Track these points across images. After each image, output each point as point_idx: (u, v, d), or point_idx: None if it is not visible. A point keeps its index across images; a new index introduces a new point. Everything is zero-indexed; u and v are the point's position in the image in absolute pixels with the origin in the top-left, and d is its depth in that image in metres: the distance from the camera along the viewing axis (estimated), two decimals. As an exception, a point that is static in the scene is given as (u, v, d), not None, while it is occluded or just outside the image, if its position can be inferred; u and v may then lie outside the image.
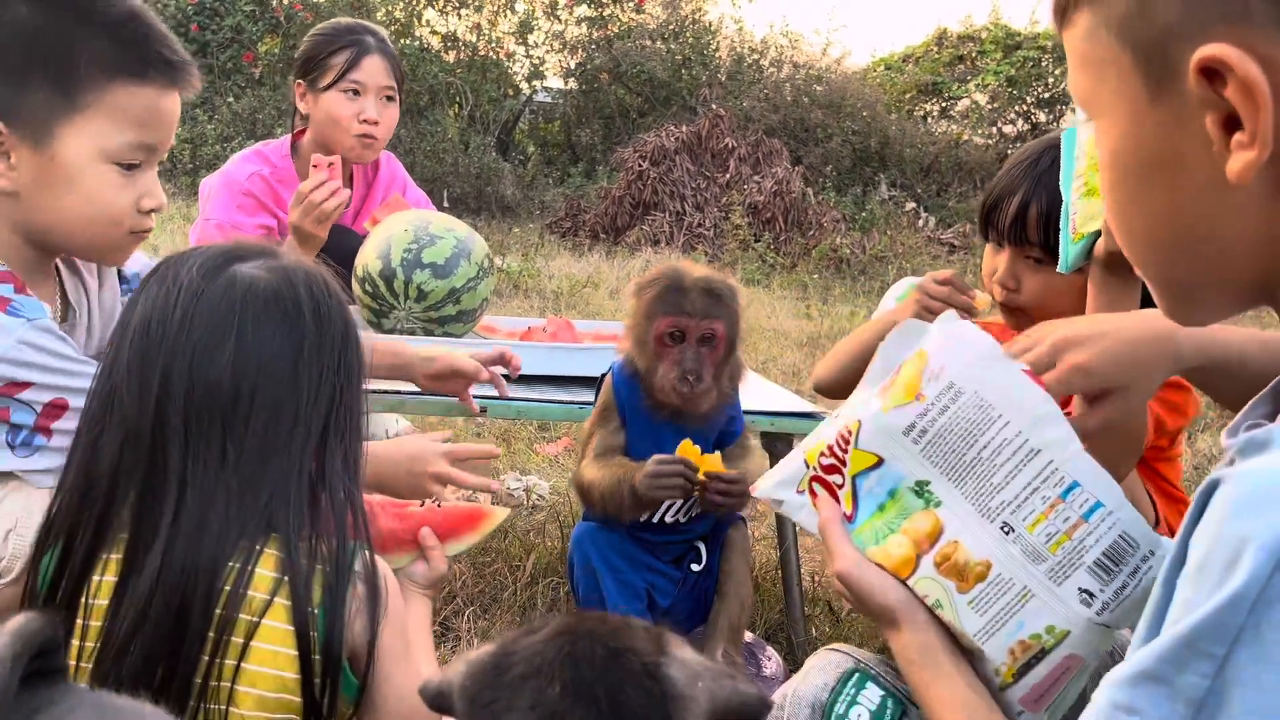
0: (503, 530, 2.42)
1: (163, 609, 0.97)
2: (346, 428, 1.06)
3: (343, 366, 1.05)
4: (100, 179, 1.30)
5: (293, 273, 1.06)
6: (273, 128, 8.31)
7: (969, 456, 0.93)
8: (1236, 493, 0.54)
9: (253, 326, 1.01)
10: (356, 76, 2.42)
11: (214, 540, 0.98)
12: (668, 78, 10.26)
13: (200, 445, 1.00)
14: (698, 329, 1.58)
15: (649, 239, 7.75)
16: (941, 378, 0.94)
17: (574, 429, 3.23)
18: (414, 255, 2.09)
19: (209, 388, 1.00)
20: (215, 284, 1.02)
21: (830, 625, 2.01)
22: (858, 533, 0.98)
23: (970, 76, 10.80)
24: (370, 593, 1.01)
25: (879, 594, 0.94)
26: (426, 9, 10.44)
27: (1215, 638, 0.53)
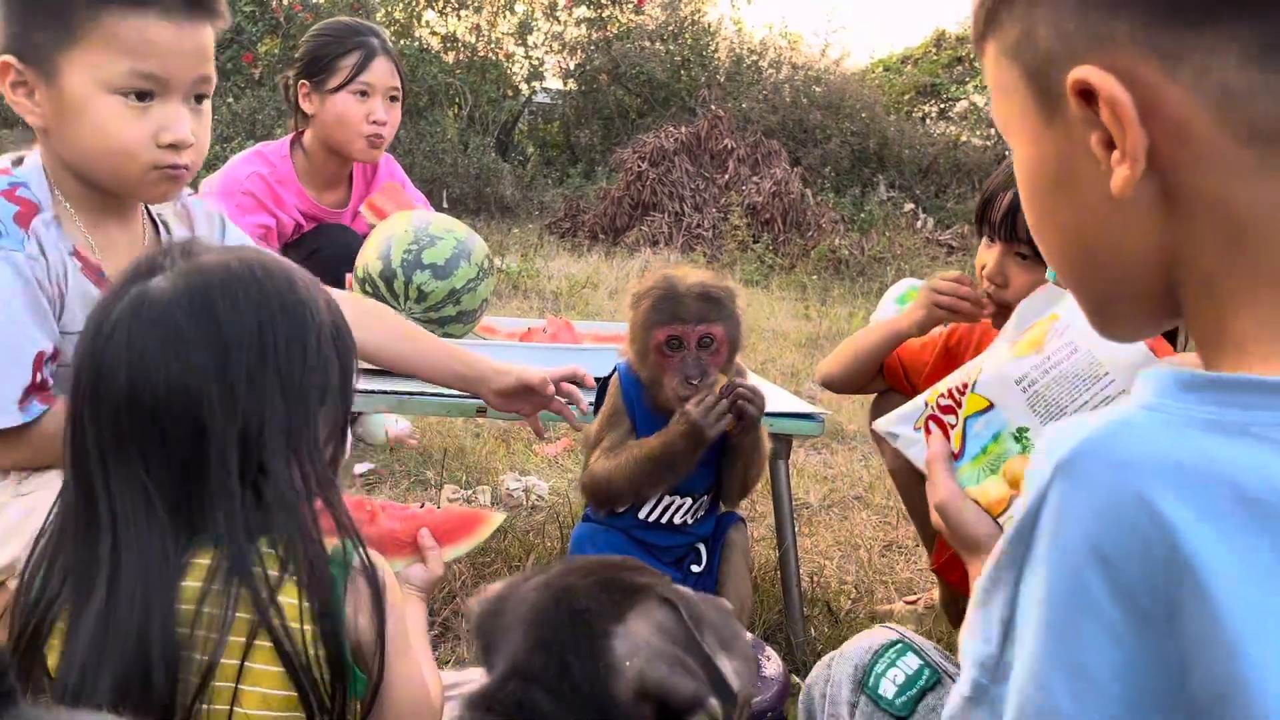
0: (502, 530, 2.42)
1: (119, 647, 0.92)
2: (291, 421, 0.99)
3: (265, 362, 0.97)
4: (106, 110, 1.31)
5: (188, 276, 0.98)
6: (272, 128, 8.31)
7: (1071, 408, 0.98)
8: (1041, 437, 0.61)
9: (141, 343, 0.95)
10: (366, 78, 2.45)
11: (157, 572, 0.94)
12: (667, 79, 10.26)
13: (121, 477, 0.95)
14: (695, 334, 1.57)
15: (648, 239, 7.76)
16: (1065, 335, 1.00)
17: (573, 430, 3.23)
18: (414, 256, 2.09)
19: (112, 414, 0.95)
20: (116, 308, 0.98)
21: (829, 626, 2.02)
22: (962, 471, 1.04)
23: (968, 78, 10.81)
24: (373, 589, 0.99)
25: (970, 526, 1.01)
26: (426, 10, 10.44)
27: (1008, 565, 0.59)
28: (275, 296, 1.00)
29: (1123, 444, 0.55)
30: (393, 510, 1.38)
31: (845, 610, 2.10)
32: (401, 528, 1.36)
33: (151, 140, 1.33)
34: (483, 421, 3.25)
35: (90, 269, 1.38)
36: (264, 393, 0.97)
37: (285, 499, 0.98)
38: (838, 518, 2.72)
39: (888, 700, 1.04)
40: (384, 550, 1.32)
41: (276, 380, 0.98)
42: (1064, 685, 0.54)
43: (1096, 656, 0.53)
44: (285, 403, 0.98)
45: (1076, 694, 0.54)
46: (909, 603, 2.15)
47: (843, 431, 3.47)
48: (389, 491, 2.69)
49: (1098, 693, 0.53)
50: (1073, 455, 0.55)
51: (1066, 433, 0.56)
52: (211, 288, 0.98)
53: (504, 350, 2.11)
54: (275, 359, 0.98)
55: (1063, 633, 0.55)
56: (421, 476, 2.81)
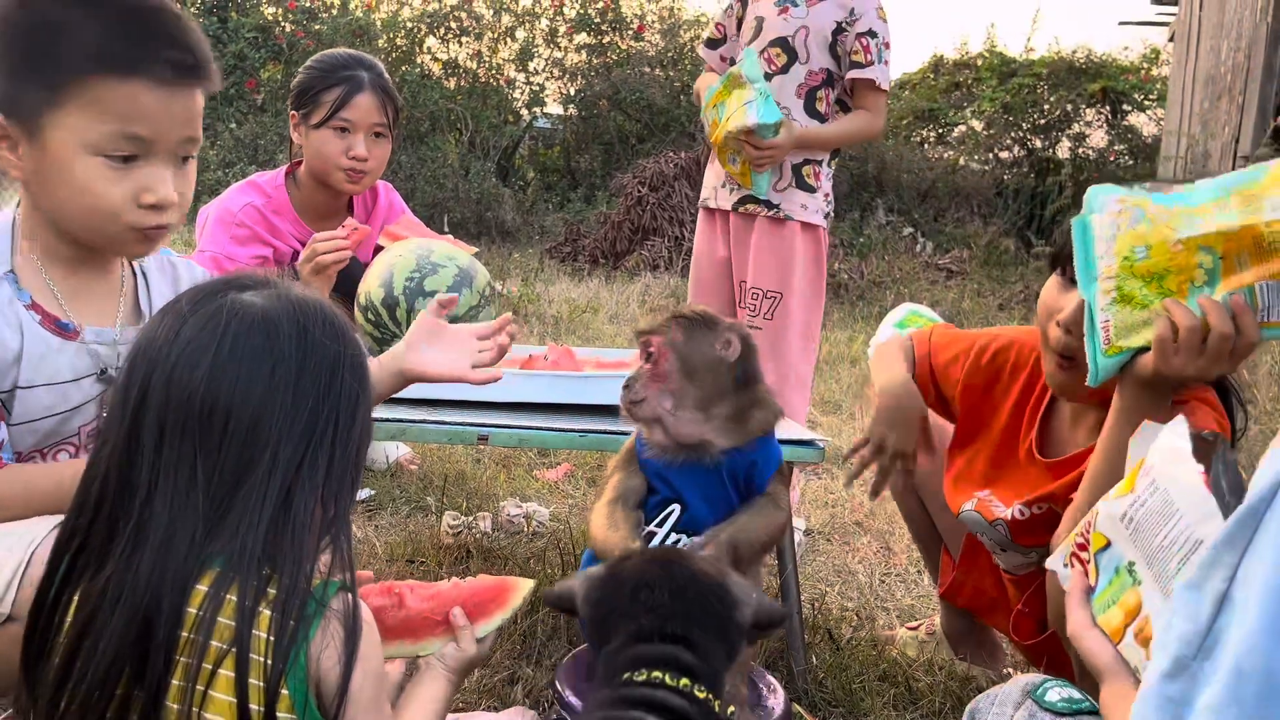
0: (503, 558, 2.42)
1: (123, 624, 0.96)
2: (331, 460, 1.03)
3: (328, 399, 1.03)
4: (88, 171, 1.31)
5: (284, 301, 1.05)
6: (274, 154, 8.36)
7: (1156, 544, 1.06)
8: (1275, 443, 0.67)
9: (230, 347, 1.01)
10: (346, 115, 2.46)
11: (180, 560, 0.97)
12: (666, 104, 10.31)
13: (171, 461, 0.99)
14: (645, 344, 1.56)
15: (648, 264, 7.78)
16: (1149, 474, 1.09)
17: (574, 455, 3.23)
18: (416, 283, 2.11)
19: (183, 403, 1.00)
20: (205, 307, 1.04)
21: (830, 653, 2.01)
22: (1096, 601, 1.14)
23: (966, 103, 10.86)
24: (347, 632, 1.00)
25: (1094, 655, 1.10)
26: (428, 36, 10.52)
27: (1232, 547, 0.66)
28: (351, 341, 1.07)
29: None
30: (420, 590, 1.36)
31: (847, 638, 2.10)
32: (431, 608, 1.33)
33: (133, 201, 1.33)
34: (484, 448, 3.26)
35: (48, 320, 1.39)
36: (319, 427, 1.02)
37: (296, 532, 0.99)
38: (838, 544, 2.72)
39: (1051, 703, 1.15)
40: (416, 634, 1.32)
41: (333, 419, 1.03)
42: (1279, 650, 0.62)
43: None
44: (333, 442, 1.03)
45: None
46: (911, 629, 2.15)
47: (843, 457, 3.48)
48: (389, 517, 2.69)
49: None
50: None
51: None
52: (310, 314, 1.04)
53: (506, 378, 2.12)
54: (338, 399, 1.04)
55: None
56: (422, 503, 2.81)
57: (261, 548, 0.99)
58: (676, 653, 1.10)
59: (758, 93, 2.58)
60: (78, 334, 1.42)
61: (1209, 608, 0.67)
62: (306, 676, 0.98)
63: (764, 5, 2.72)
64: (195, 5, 10.07)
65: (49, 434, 1.41)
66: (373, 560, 2.37)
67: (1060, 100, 10.27)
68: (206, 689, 0.96)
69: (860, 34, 2.66)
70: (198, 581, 0.98)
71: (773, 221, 2.72)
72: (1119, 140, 10.27)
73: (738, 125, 2.58)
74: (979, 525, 1.77)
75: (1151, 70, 10.81)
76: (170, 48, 1.31)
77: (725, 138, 2.63)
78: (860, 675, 1.91)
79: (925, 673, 1.94)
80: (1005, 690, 1.24)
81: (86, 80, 1.28)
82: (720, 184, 2.80)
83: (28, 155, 1.32)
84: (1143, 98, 10.40)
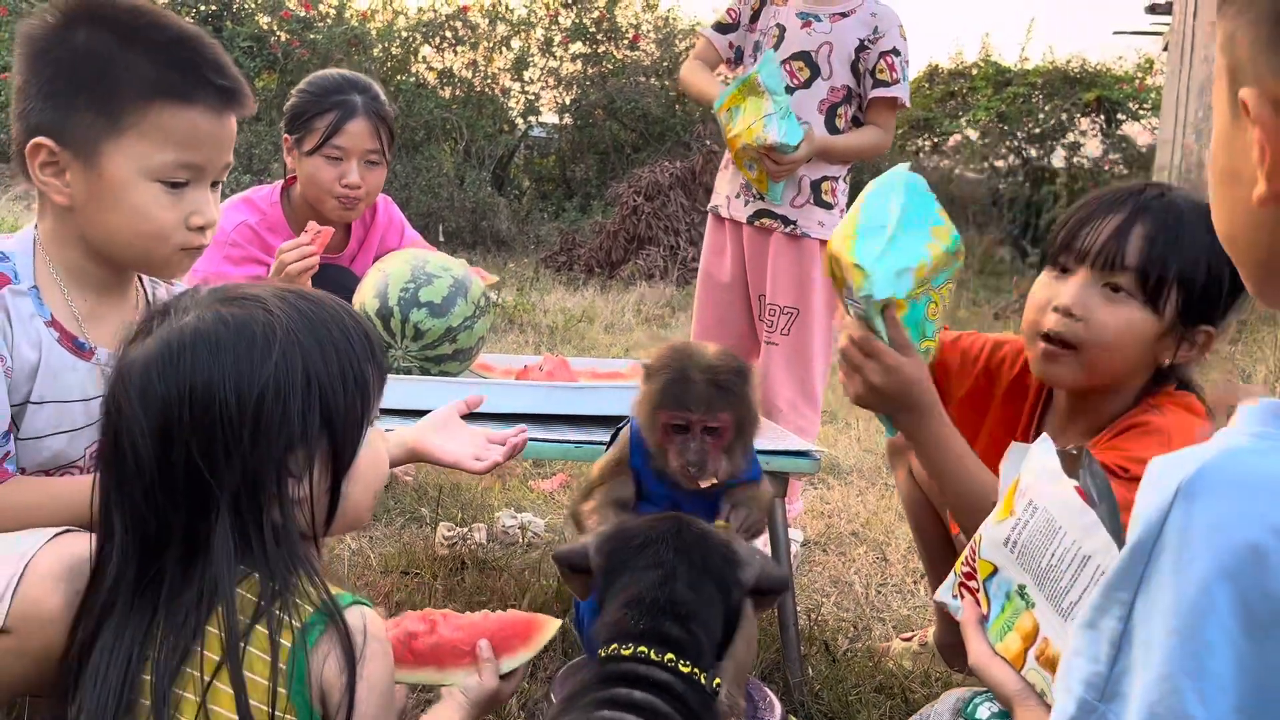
0: (498, 569, 2.41)
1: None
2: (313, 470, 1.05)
3: (320, 408, 1.04)
4: (145, 196, 1.35)
5: (235, 315, 1.05)
6: (269, 162, 8.35)
7: (1043, 564, 1.06)
8: (1149, 469, 0.66)
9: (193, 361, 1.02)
10: (339, 142, 2.44)
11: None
12: (662, 114, 10.33)
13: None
14: (701, 422, 1.55)
15: (643, 273, 7.78)
16: (1025, 495, 1.09)
17: (569, 465, 3.23)
18: (411, 294, 2.10)
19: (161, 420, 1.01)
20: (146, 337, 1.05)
21: (826, 665, 2.00)
22: (992, 629, 1.13)
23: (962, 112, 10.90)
24: (345, 645, 1.00)
25: (1000, 684, 1.09)
26: (423, 46, 10.53)
27: (1123, 585, 0.65)
28: (231, 360, 1.03)
29: (1238, 467, 0.62)
30: (453, 619, 1.39)
31: (843, 650, 2.09)
32: (462, 637, 1.36)
33: (183, 224, 1.39)
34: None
35: (66, 338, 1.40)
36: (208, 451, 1.00)
37: (281, 544, 1.00)
38: (835, 554, 2.71)
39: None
40: (444, 661, 1.34)
41: (228, 438, 1.01)
42: (1192, 690, 0.60)
43: (1222, 663, 0.59)
44: (237, 461, 1.01)
45: (1205, 698, 0.59)
46: (905, 639, 2.14)
47: (839, 467, 3.47)
48: (383, 529, 2.68)
49: (1224, 697, 0.59)
50: (1195, 478, 0.62)
51: (1179, 460, 0.63)
52: (169, 349, 1.03)
53: (501, 389, 2.12)
54: (220, 422, 1.01)
55: (1190, 640, 0.60)
56: (417, 514, 2.80)
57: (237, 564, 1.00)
58: (665, 627, 1.14)
59: (778, 108, 2.54)
60: (92, 354, 1.43)
61: (1107, 648, 0.65)
62: (308, 684, 0.98)
63: (785, 14, 2.70)
64: (191, 14, 10.08)
65: (56, 454, 1.42)
66: (367, 571, 2.35)
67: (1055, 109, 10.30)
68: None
69: (885, 52, 2.67)
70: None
71: (789, 238, 2.71)
72: (1113, 149, 10.30)
73: (758, 141, 2.55)
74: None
75: (1146, 80, 10.85)
76: (218, 75, 1.37)
77: (742, 148, 2.60)
78: (856, 687, 1.90)
79: (921, 684, 1.93)
80: (936, 710, 1.24)
81: (149, 108, 1.32)
82: (734, 193, 2.78)
83: (78, 180, 1.34)
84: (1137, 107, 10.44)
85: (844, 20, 2.66)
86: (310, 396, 1.03)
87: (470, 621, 1.38)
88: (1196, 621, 0.60)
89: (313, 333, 1.06)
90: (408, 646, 1.34)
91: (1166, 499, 0.63)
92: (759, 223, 2.74)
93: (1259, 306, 1.12)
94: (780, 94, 2.56)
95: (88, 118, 1.31)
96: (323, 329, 1.06)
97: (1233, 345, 4.97)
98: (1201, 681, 0.59)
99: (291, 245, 2.22)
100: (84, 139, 1.32)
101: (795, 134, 2.56)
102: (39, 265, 1.41)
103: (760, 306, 2.78)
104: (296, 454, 1.03)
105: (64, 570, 1.16)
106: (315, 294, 1.12)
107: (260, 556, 1.00)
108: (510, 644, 1.36)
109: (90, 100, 1.31)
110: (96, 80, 1.31)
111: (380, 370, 1.12)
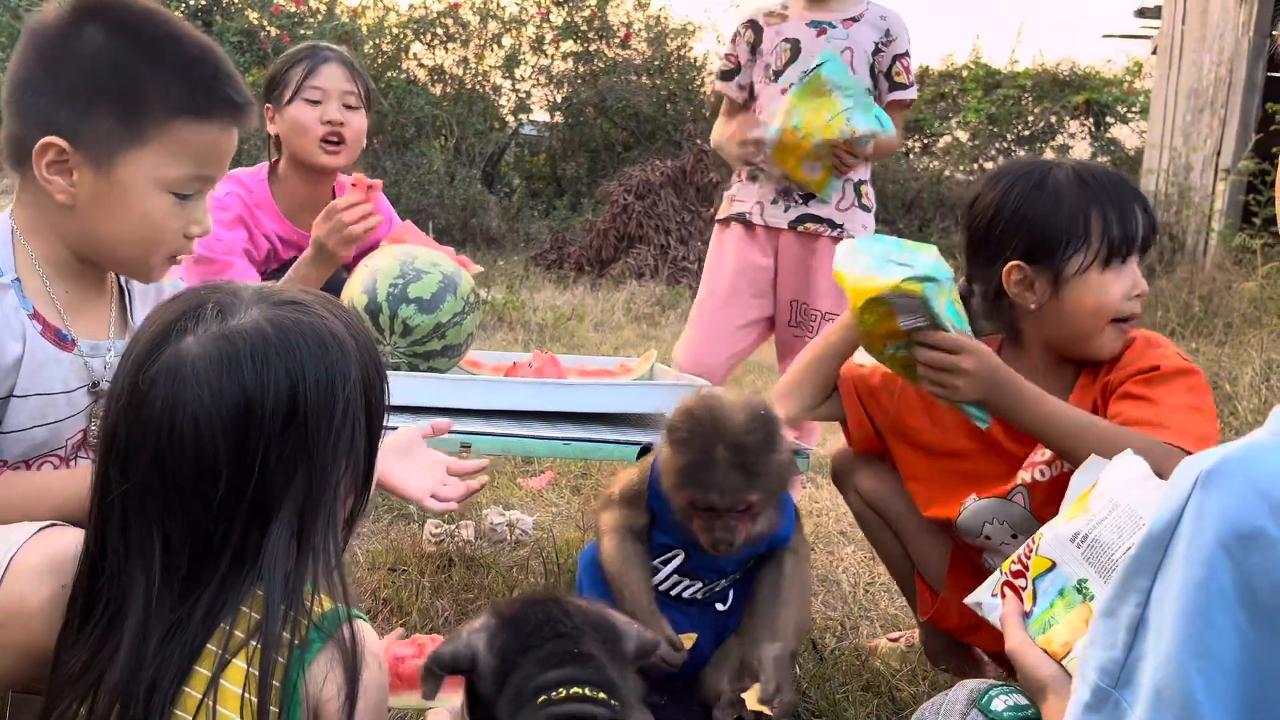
0: (485, 566, 2.40)
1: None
2: (316, 498, 1.01)
3: (308, 437, 1.00)
4: (155, 206, 1.37)
5: (234, 339, 1.01)
6: (257, 157, 8.29)
7: (1116, 557, 1.09)
8: (1178, 468, 0.68)
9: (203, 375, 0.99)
10: (315, 83, 2.47)
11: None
12: (653, 112, 10.34)
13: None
14: (727, 504, 1.49)
15: (634, 272, 7.78)
16: (1105, 495, 1.14)
17: (557, 464, 3.22)
18: (400, 290, 2.09)
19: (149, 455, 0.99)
20: (162, 353, 1.01)
21: (814, 663, 2.01)
22: (1033, 624, 1.16)
23: (951, 114, 10.94)
24: (347, 663, 0.99)
25: (1034, 669, 1.10)
26: (414, 42, 10.51)
27: (1143, 572, 0.66)
28: (312, 366, 1.01)
29: (1256, 460, 0.64)
30: (439, 642, 1.37)
31: (830, 648, 2.09)
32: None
33: (182, 232, 1.41)
34: (466, 456, 3.24)
35: (49, 330, 1.39)
36: (285, 457, 0.98)
37: (274, 564, 0.99)
38: (823, 553, 2.72)
39: (996, 712, 1.16)
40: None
41: (301, 448, 0.99)
42: (1197, 671, 0.61)
43: (1226, 647, 0.60)
44: (305, 471, 0.99)
45: (1208, 679, 0.60)
46: (892, 639, 2.14)
47: (827, 467, 3.47)
48: (371, 526, 2.67)
49: (1227, 681, 0.60)
50: (1213, 469, 0.64)
51: (1204, 455, 0.66)
52: (240, 350, 0.99)
53: (490, 385, 2.11)
54: (301, 428, 0.99)
55: (1197, 620, 0.61)
56: (404, 510, 2.79)
57: (235, 583, 0.98)
58: (589, 672, 1.11)
59: (854, 99, 2.50)
60: (74, 345, 1.42)
61: (1124, 635, 0.67)
62: (301, 703, 0.97)
63: (793, 28, 2.70)
64: (181, 9, 10.03)
65: (39, 444, 1.41)
66: (354, 568, 2.35)
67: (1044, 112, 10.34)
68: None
69: (898, 55, 2.70)
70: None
71: (834, 241, 2.69)
72: (1102, 152, 10.35)
73: (842, 134, 2.49)
74: (988, 512, 1.74)
75: (1134, 83, 10.91)
76: (233, 90, 1.38)
77: (816, 146, 2.53)
78: (844, 685, 1.90)
79: (909, 683, 1.94)
80: (950, 698, 1.23)
81: (172, 123, 1.33)
82: (770, 200, 2.74)
83: (86, 183, 1.34)
84: (1125, 110, 10.49)
85: (856, 25, 2.68)
86: (368, 413, 1.04)
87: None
88: (1203, 602, 0.61)
89: (363, 347, 1.06)
90: (395, 671, 1.33)
91: (1186, 489, 0.64)
92: (803, 228, 2.73)
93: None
94: (851, 85, 2.52)
95: (107, 124, 1.31)
96: (365, 345, 1.06)
97: (1219, 348, 4.99)
98: (1206, 662, 0.60)
99: (346, 202, 2.19)
100: (102, 145, 1.32)
101: (886, 120, 2.55)
102: (19, 256, 1.39)
103: (793, 311, 2.76)
104: (348, 470, 1.02)
105: (50, 565, 1.15)
106: (342, 305, 1.11)
107: (313, 572, 0.98)
108: None
109: (112, 109, 1.31)
110: (121, 91, 1.31)
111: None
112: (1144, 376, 1.61)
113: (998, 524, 1.75)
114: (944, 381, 1.58)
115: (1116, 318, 1.66)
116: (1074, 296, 1.65)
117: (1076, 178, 1.66)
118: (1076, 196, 1.65)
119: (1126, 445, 1.46)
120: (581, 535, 2.57)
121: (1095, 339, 1.68)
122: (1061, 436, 1.57)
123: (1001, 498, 1.73)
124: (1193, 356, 5.02)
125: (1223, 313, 5.58)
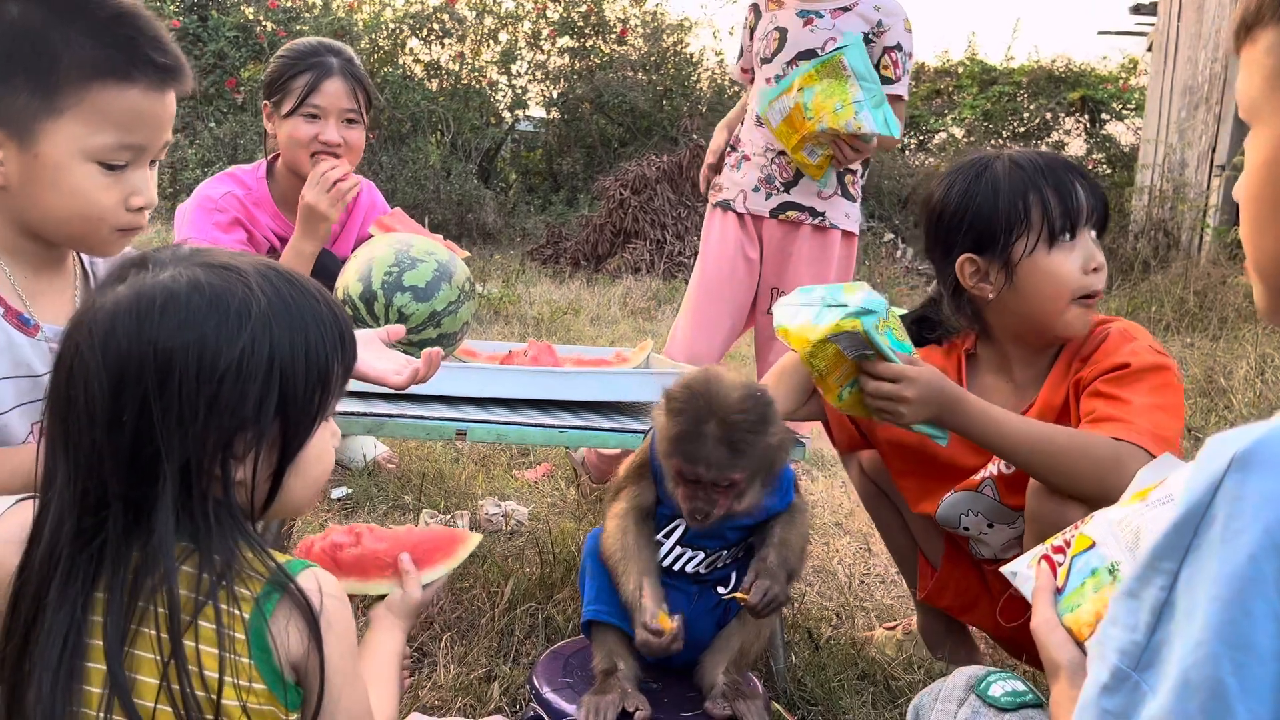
0: (480, 556, 2.40)
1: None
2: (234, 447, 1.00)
3: (221, 392, 0.97)
4: (84, 177, 1.32)
5: (150, 291, 0.98)
6: (254, 153, 8.31)
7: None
8: (1206, 446, 0.65)
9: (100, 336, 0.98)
10: (315, 101, 2.45)
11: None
12: (649, 108, 10.34)
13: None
14: (711, 478, 1.51)
15: (630, 266, 7.78)
16: (1165, 488, 1.11)
17: (553, 454, 3.22)
18: (395, 278, 2.09)
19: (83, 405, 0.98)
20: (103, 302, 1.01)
21: (810, 652, 2.01)
22: (1063, 601, 1.15)
23: (947, 110, 10.94)
24: (303, 613, 0.98)
25: (1053, 650, 1.08)
26: (410, 38, 10.49)
27: (1169, 554, 0.64)
28: (197, 329, 0.98)
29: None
30: (378, 532, 1.41)
31: (826, 637, 2.10)
32: (384, 549, 1.38)
33: (122, 205, 1.36)
34: (462, 446, 3.24)
35: (11, 314, 1.38)
36: (170, 415, 0.96)
37: (222, 521, 0.98)
38: (818, 544, 2.72)
39: (994, 698, 1.16)
40: (367, 572, 1.36)
41: (189, 408, 0.97)
42: (1230, 660, 0.59)
43: (1264, 636, 0.58)
44: (191, 431, 0.97)
45: (1240, 668, 0.58)
46: (888, 629, 2.15)
47: (823, 459, 3.48)
48: (366, 516, 2.67)
49: (1262, 670, 0.58)
50: (1251, 449, 0.61)
51: (1237, 434, 0.63)
52: (137, 305, 0.98)
53: (485, 373, 2.10)
54: (177, 388, 0.96)
55: (1233, 609, 0.59)
56: (400, 501, 2.79)
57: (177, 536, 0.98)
58: None
59: (869, 95, 2.47)
60: (38, 329, 1.40)
61: (1148, 617, 0.65)
62: (274, 653, 0.97)
63: (784, 16, 2.70)
64: (176, 3, 10.00)
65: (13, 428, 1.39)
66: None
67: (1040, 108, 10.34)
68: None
69: (889, 48, 2.67)
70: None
71: (816, 230, 2.71)
72: (1097, 149, 10.35)
73: (848, 128, 2.48)
74: (962, 504, 1.76)
75: (1130, 80, 10.92)
76: (159, 52, 1.32)
77: (820, 131, 2.51)
78: (839, 674, 1.90)
79: (904, 671, 1.94)
80: (949, 685, 1.23)
81: (88, 88, 1.28)
82: (751, 187, 2.75)
83: (13, 161, 1.31)
84: (1121, 107, 10.49)
85: (845, 14, 2.65)
86: (270, 383, 1.00)
87: (393, 535, 1.41)
88: (1241, 591, 0.59)
89: (286, 317, 1.02)
90: (333, 558, 1.36)
91: (1219, 469, 0.62)
92: (784, 216, 2.73)
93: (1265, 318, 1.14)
94: (871, 80, 2.49)
95: (22, 98, 1.27)
96: (297, 315, 1.03)
97: (1214, 342, 5.00)
98: (1240, 652, 0.59)
99: (326, 166, 2.34)
100: (19, 119, 1.28)
101: (895, 126, 2.53)
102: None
103: (773, 298, 2.76)
104: (245, 436, 1.00)
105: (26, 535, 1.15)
106: (298, 277, 1.08)
107: (203, 532, 0.97)
108: (431, 557, 1.39)
109: (26, 79, 1.27)
110: (32, 58, 1.26)
111: (346, 367, 1.08)
112: (1114, 375, 1.62)
113: (972, 515, 1.77)
114: (890, 410, 1.62)
115: (1078, 295, 1.66)
116: (1028, 280, 1.66)
117: (1013, 165, 1.68)
118: (1013, 182, 1.67)
119: (1081, 454, 1.51)
120: (577, 526, 2.57)
121: (1059, 319, 1.68)
122: (1012, 448, 1.59)
123: (973, 490, 1.74)
124: (1188, 351, 5.01)
125: (1217, 307, 5.60)
